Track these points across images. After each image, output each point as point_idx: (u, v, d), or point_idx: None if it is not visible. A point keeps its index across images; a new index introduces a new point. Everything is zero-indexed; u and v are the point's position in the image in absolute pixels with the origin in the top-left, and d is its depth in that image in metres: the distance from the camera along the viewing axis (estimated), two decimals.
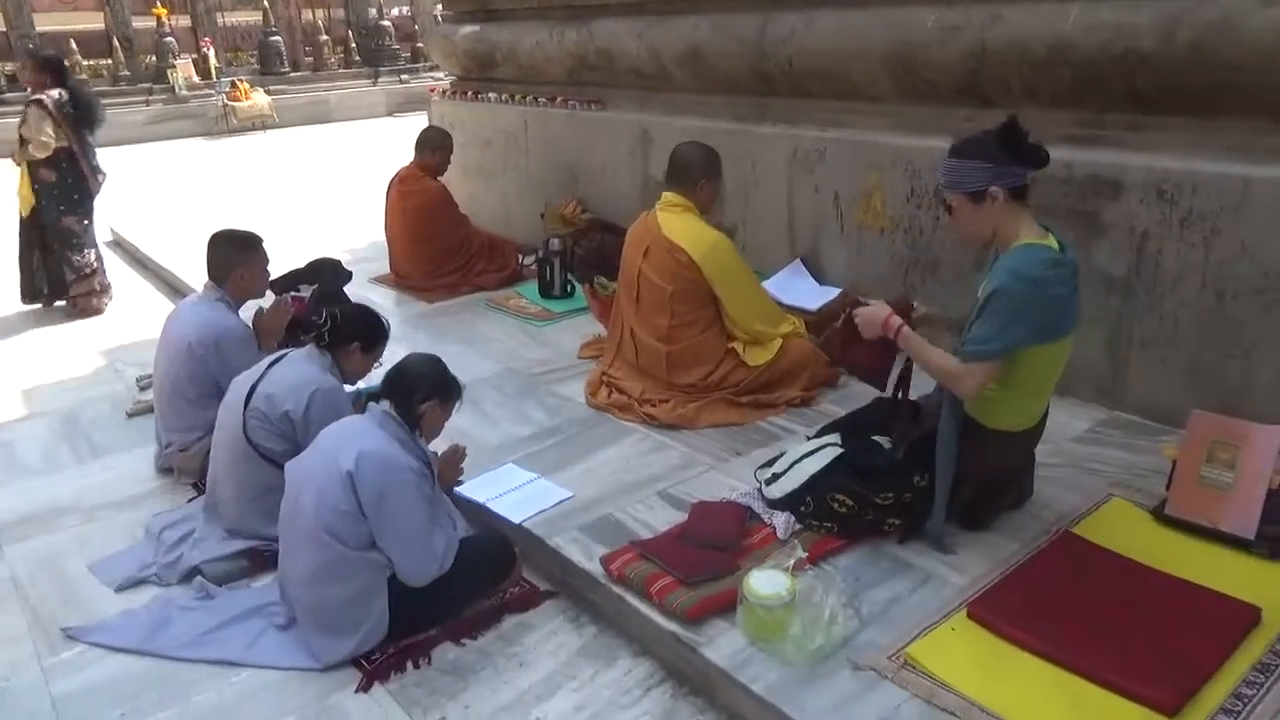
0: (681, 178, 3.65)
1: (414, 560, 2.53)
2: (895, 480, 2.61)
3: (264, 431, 2.99)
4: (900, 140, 4.00)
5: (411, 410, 2.62)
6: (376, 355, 3.16)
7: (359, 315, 3.14)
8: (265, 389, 3.01)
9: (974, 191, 2.50)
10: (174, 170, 11.71)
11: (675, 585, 2.50)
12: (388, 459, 2.51)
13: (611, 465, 3.30)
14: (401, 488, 2.50)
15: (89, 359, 5.11)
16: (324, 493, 2.49)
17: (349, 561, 2.50)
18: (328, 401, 2.98)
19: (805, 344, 3.76)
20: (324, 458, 2.56)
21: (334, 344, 3.04)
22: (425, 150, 5.40)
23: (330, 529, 2.48)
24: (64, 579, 3.04)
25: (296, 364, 3.06)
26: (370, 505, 2.47)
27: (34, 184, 5.62)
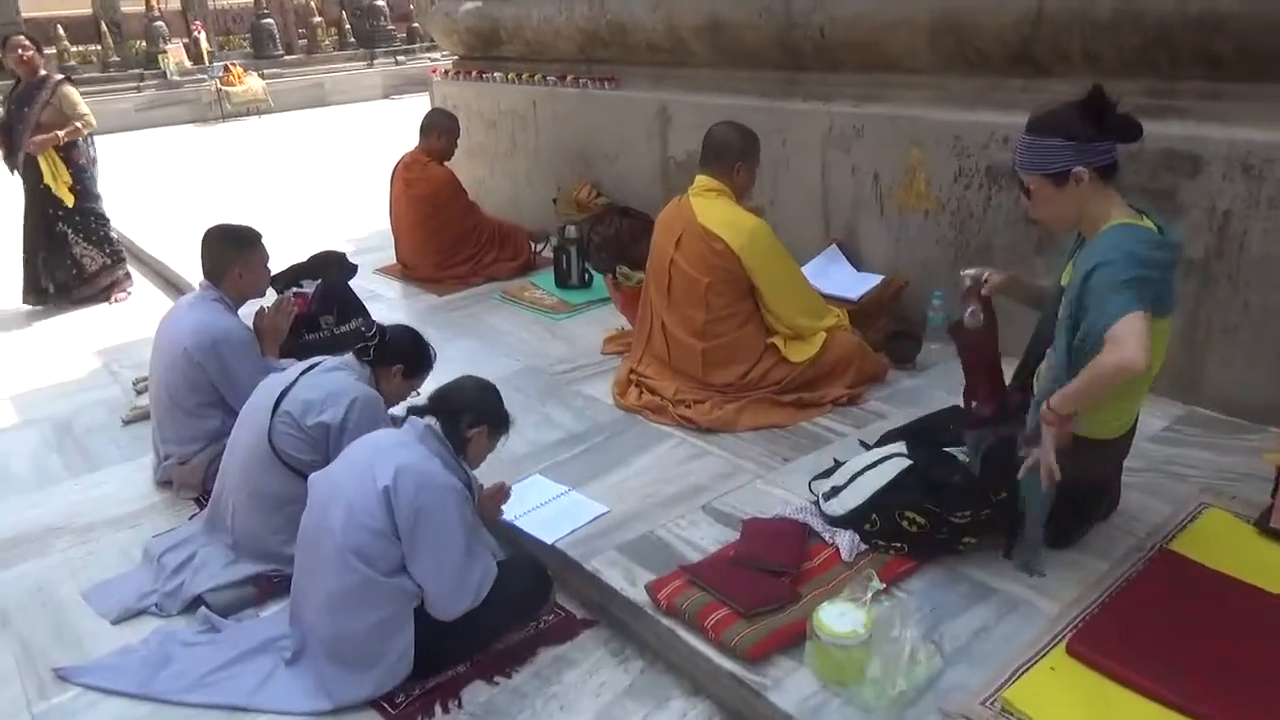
0: (717, 160, 3.36)
1: (447, 591, 2.28)
2: (974, 497, 2.35)
3: (292, 438, 2.73)
4: (945, 115, 3.71)
5: (458, 432, 2.41)
6: (417, 383, 2.95)
7: (408, 338, 2.92)
8: (300, 393, 2.76)
9: (1056, 173, 2.21)
10: (167, 158, 11.39)
11: (733, 618, 2.24)
12: (428, 475, 2.28)
13: (648, 475, 3.04)
14: (441, 508, 2.26)
15: (83, 360, 4.84)
16: (355, 510, 2.25)
17: (375, 588, 2.25)
18: (368, 412, 2.73)
19: (850, 337, 3.49)
20: (356, 472, 2.32)
21: (377, 361, 2.82)
22: (431, 134, 5.10)
23: (358, 550, 2.24)
24: (56, 608, 2.79)
25: (335, 372, 2.82)
26: (406, 526, 2.23)
27: (69, 167, 5.40)
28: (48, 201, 5.44)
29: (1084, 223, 2.28)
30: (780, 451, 3.12)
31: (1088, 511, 2.46)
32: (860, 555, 2.46)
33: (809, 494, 2.81)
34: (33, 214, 5.53)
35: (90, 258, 5.70)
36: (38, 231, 5.54)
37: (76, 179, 5.45)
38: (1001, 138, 3.48)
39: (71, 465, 3.68)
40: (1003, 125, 3.47)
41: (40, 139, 5.24)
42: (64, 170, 5.39)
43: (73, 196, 5.43)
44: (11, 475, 3.64)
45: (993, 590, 2.36)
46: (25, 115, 5.25)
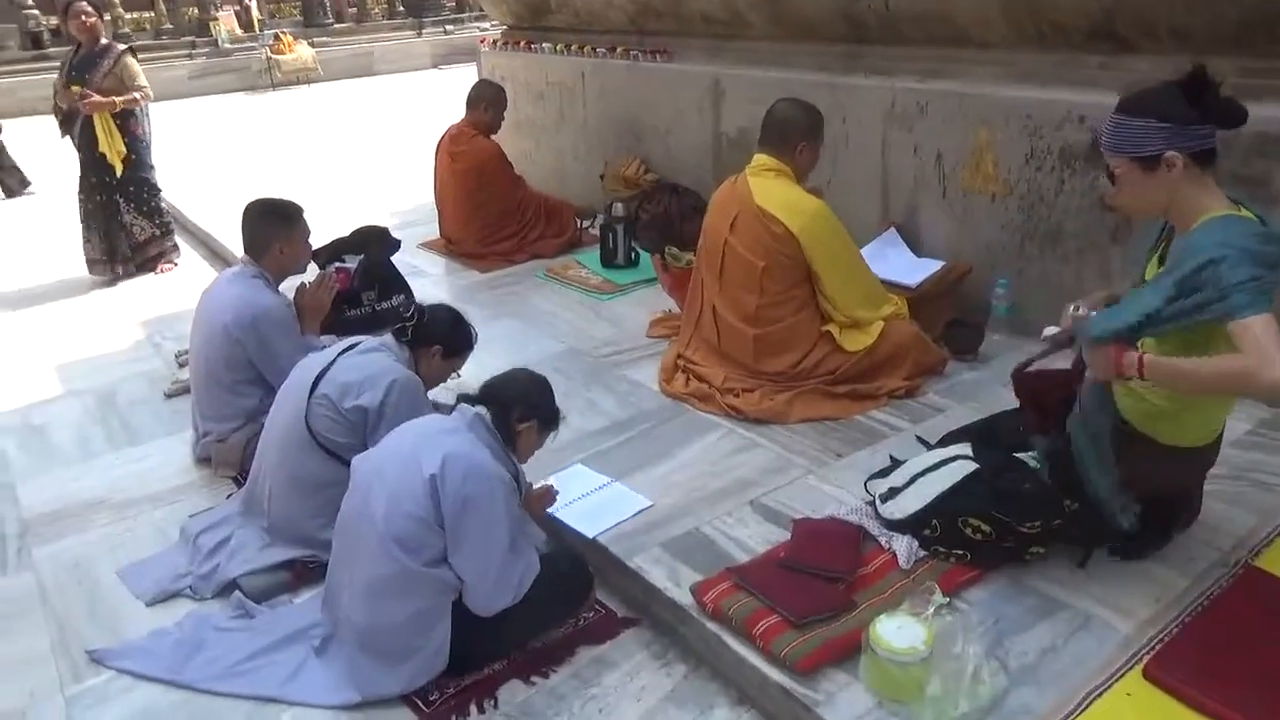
0: (778, 139, 3.21)
1: (488, 585, 2.19)
2: (1045, 507, 2.19)
3: (330, 421, 2.66)
4: (1017, 92, 3.50)
5: (507, 424, 2.32)
6: (456, 365, 2.86)
7: (447, 318, 2.83)
8: (338, 375, 2.69)
9: (1146, 157, 2.02)
10: (217, 127, 11.43)
11: (783, 626, 2.12)
12: (476, 464, 2.19)
13: (694, 467, 2.92)
14: (489, 499, 2.18)
15: (127, 331, 4.83)
16: (399, 497, 2.17)
17: (414, 578, 2.17)
18: (408, 396, 2.66)
19: (908, 327, 3.33)
20: (402, 458, 2.24)
21: (415, 342, 2.74)
22: (478, 106, 4.99)
23: (400, 539, 2.16)
24: (92, 586, 2.76)
25: (374, 354, 2.74)
26: (451, 515, 2.15)
27: (124, 136, 5.38)
28: (101, 169, 5.42)
29: (1174, 213, 2.09)
30: (833, 446, 2.98)
31: (1168, 524, 2.30)
32: (919, 562, 2.32)
33: (864, 493, 2.67)
34: (86, 182, 5.51)
35: (140, 227, 5.69)
36: (91, 200, 5.52)
37: (131, 148, 5.43)
38: (1078, 117, 3.27)
39: (113, 438, 3.67)
40: (1079, 104, 3.27)
41: (97, 99, 5.22)
42: (119, 138, 5.36)
43: (123, 166, 5.40)
44: (54, 447, 3.63)
45: (1061, 604, 2.21)
46: (86, 82, 5.23)
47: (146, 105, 5.51)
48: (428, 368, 2.79)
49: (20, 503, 3.22)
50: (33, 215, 7.58)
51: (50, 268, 6.00)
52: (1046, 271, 3.52)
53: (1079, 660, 2.05)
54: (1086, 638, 2.11)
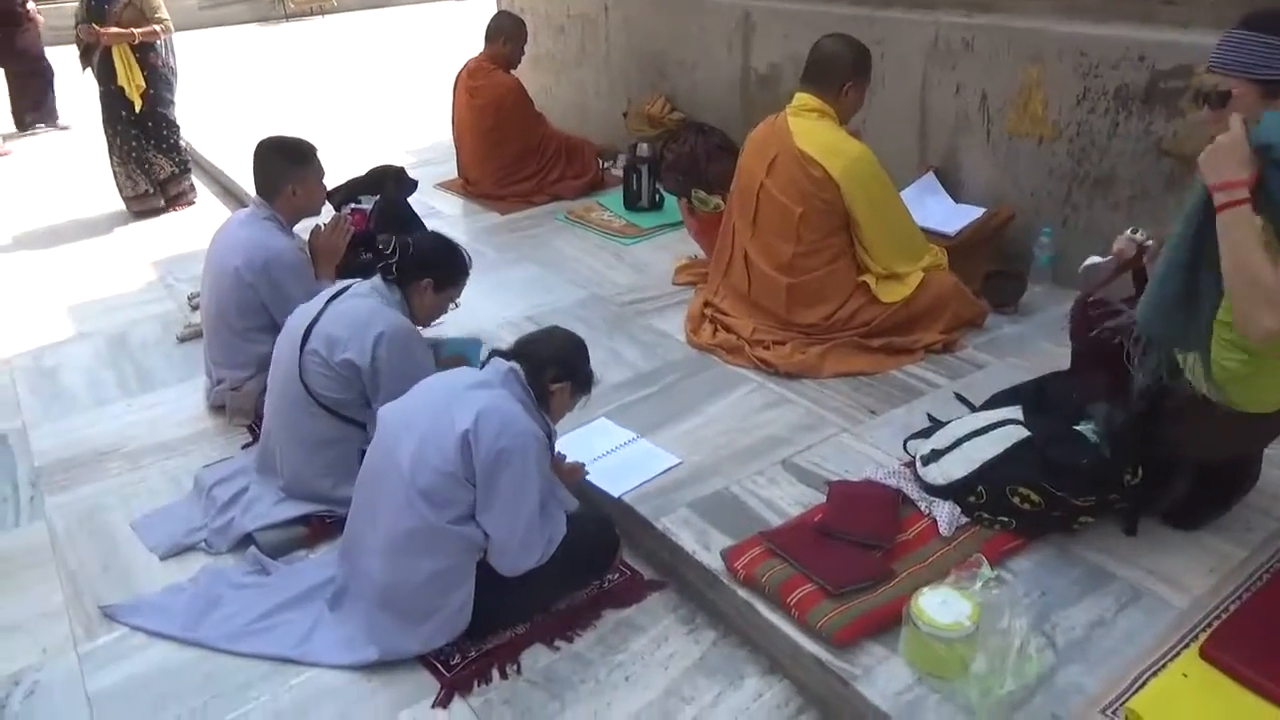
0: (823, 78, 3.02)
1: (515, 544, 2.10)
2: (1103, 482, 2.07)
3: (323, 378, 2.56)
4: (1071, 27, 3.28)
5: (541, 384, 2.20)
6: (452, 295, 2.73)
7: (433, 246, 2.69)
8: (325, 328, 2.58)
9: (1270, 80, 1.85)
10: (228, 59, 11.17)
11: (819, 595, 2.03)
12: (511, 418, 2.09)
13: (722, 422, 2.81)
14: (523, 454, 2.07)
15: (139, 271, 4.73)
16: (427, 451, 2.08)
17: (439, 535, 2.08)
18: (398, 347, 2.55)
19: (948, 277, 3.17)
20: (433, 410, 2.14)
21: (404, 279, 2.60)
22: (497, 39, 4.77)
23: (427, 493, 2.07)
24: (105, 538, 2.70)
25: (360, 299, 2.62)
26: (484, 469, 2.05)
27: (144, 70, 5.21)
28: (120, 103, 5.25)
29: None
30: (867, 403, 2.86)
31: (1229, 493, 2.18)
32: (960, 529, 2.22)
33: (901, 453, 2.56)
34: (107, 117, 5.36)
35: (160, 165, 5.53)
36: (114, 134, 5.37)
37: (150, 83, 5.25)
38: (1137, 55, 3.06)
39: (125, 384, 3.59)
40: (1139, 41, 3.06)
41: (114, 31, 5.04)
42: (138, 72, 5.18)
43: (141, 101, 5.24)
44: (65, 391, 3.56)
45: (1110, 576, 2.11)
46: (105, 13, 5.04)
47: (169, 38, 5.32)
48: (421, 304, 2.67)
49: (32, 449, 3.16)
50: (54, 151, 7.43)
51: (68, 205, 5.88)
52: (1095, 220, 3.34)
53: (1130, 636, 1.95)
54: (1137, 612, 2.01)
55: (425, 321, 2.74)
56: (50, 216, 5.71)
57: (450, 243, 2.74)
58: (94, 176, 6.09)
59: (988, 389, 2.84)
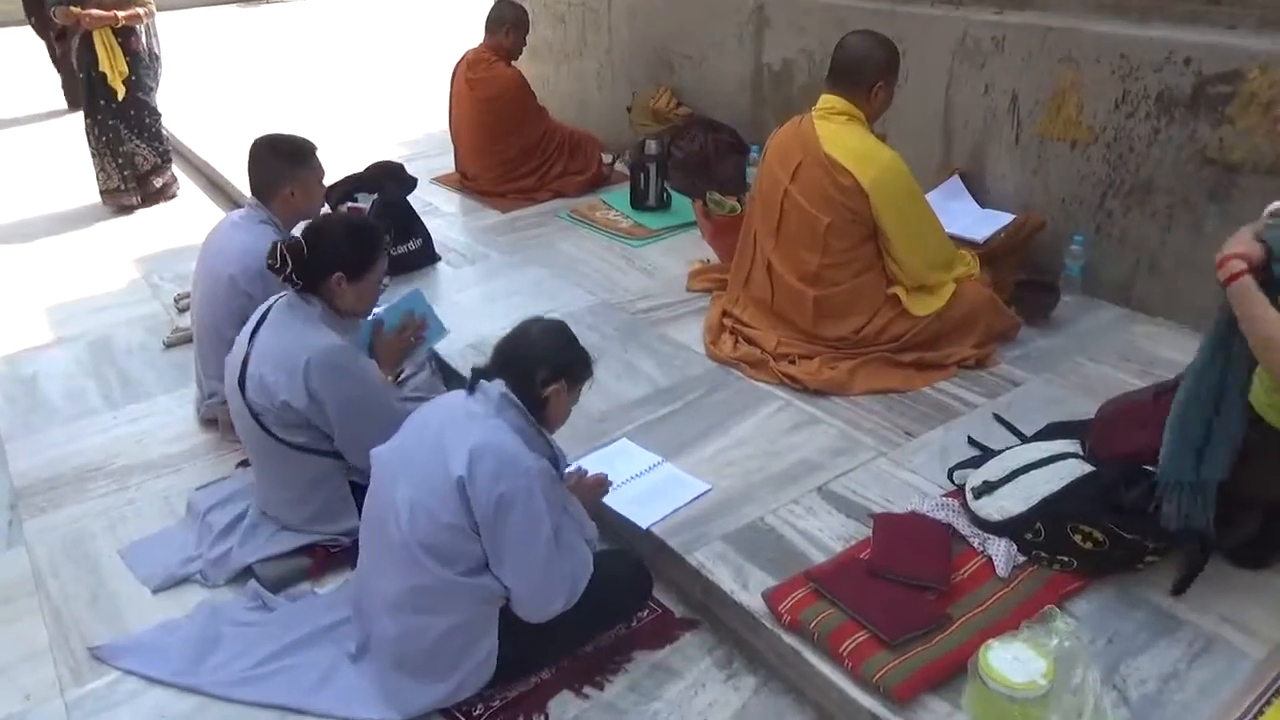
0: (851, 79, 2.85)
1: (539, 591, 1.93)
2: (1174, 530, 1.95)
3: (279, 423, 2.37)
4: (1110, 28, 3.14)
5: (533, 393, 1.96)
6: (373, 278, 2.43)
7: (334, 233, 2.38)
8: (255, 371, 2.37)
9: None
10: (209, 42, 10.85)
11: (874, 645, 1.89)
12: (508, 457, 1.88)
13: (750, 444, 2.66)
14: (526, 496, 1.87)
15: (122, 269, 4.51)
16: (424, 501, 1.89)
17: (453, 589, 1.91)
18: (330, 373, 2.32)
19: (982, 289, 3.04)
20: (425, 452, 1.94)
21: (310, 284, 2.36)
22: (498, 29, 4.57)
23: (430, 547, 1.89)
24: (92, 568, 2.52)
25: (279, 327, 2.38)
26: (486, 518, 1.86)
27: (126, 55, 4.96)
28: (101, 91, 5.00)
29: None
30: (902, 423, 2.72)
31: None
32: (1017, 569, 2.08)
33: (944, 481, 2.43)
34: (87, 105, 5.10)
35: (142, 156, 5.26)
36: (93, 123, 5.10)
37: (132, 69, 5.00)
38: (1182, 59, 2.92)
39: (109, 394, 3.39)
40: (1184, 44, 2.92)
41: (96, 13, 4.80)
42: (121, 58, 4.93)
43: (124, 88, 4.99)
44: (45, 403, 3.36)
45: (1178, 621, 1.98)
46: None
47: (152, 21, 5.08)
48: (344, 300, 2.39)
49: (10, 467, 2.97)
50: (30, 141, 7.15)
51: (44, 197, 5.62)
52: (1129, 230, 3.22)
53: (1205, 690, 1.83)
54: (1212, 662, 1.89)
55: (361, 314, 2.51)
56: (24, 209, 5.45)
57: (344, 220, 2.47)
58: (72, 166, 5.83)
59: (1026, 408, 2.73)
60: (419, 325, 2.79)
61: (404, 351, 2.78)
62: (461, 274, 3.92)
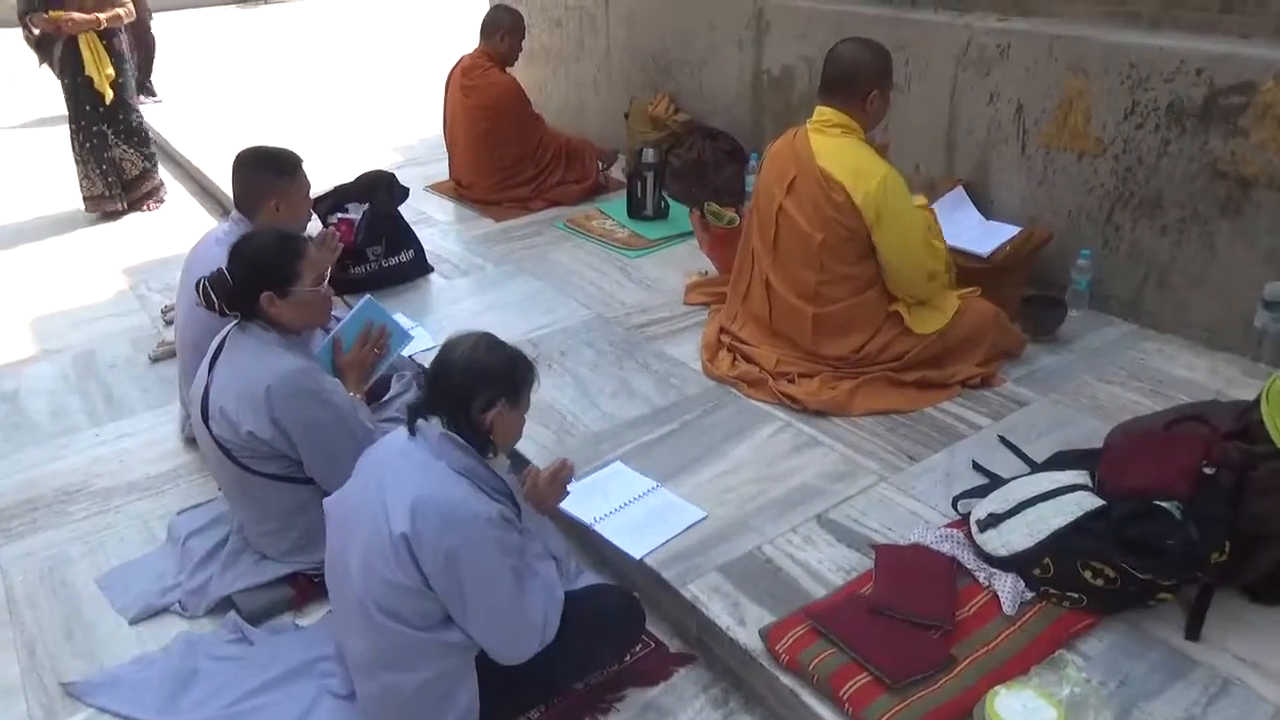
0: (844, 88, 2.77)
1: (508, 640, 1.84)
2: (1189, 567, 1.86)
3: (249, 454, 2.28)
4: (1120, 36, 3.05)
5: (473, 423, 1.82)
6: (304, 289, 2.26)
7: (238, 257, 2.25)
8: (217, 403, 2.27)
9: None
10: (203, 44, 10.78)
11: (876, 689, 1.81)
12: (452, 508, 1.75)
13: (748, 469, 2.58)
14: (475, 546, 1.75)
15: (109, 279, 4.43)
16: (372, 560, 1.77)
17: (419, 645, 1.81)
18: (291, 399, 2.21)
19: (987, 306, 2.95)
20: (369, 504, 1.81)
21: (245, 311, 2.26)
22: (494, 35, 4.49)
23: (385, 607, 1.78)
24: (68, 597, 2.44)
25: (236, 358, 2.27)
26: (437, 576, 1.75)
27: (111, 57, 4.86)
28: (89, 96, 4.89)
29: None
30: (904, 446, 2.64)
31: None
32: (1024, 605, 2.00)
33: (948, 509, 2.34)
34: (74, 111, 4.96)
35: (130, 162, 5.17)
36: (79, 130, 4.98)
37: (117, 71, 4.91)
38: (1193, 69, 2.84)
39: (92, 410, 3.31)
40: (1196, 53, 2.84)
41: (79, 17, 4.69)
42: (107, 60, 4.83)
43: (112, 91, 4.90)
44: (27, 419, 3.28)
45: (1192, 662, 1.90)
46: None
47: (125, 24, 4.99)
48: (285, 318, 2.26)
49: None
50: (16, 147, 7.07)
51: (27, 203, 5.55)
52: (1138, 244, 3.13)
53: None
54: (1229, 708, 1.80)
55: (315, 324, 2.40)
56: (6, 215, 5.38)
57: (258, 238, 2.30)
58: (55, 171, 5.75)
59: (1032, 430, 2.66)
60: (380, 335, 2.60)
61: (370, 366, 2.60)
62: (454, 285, 3.84)
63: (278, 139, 3.13)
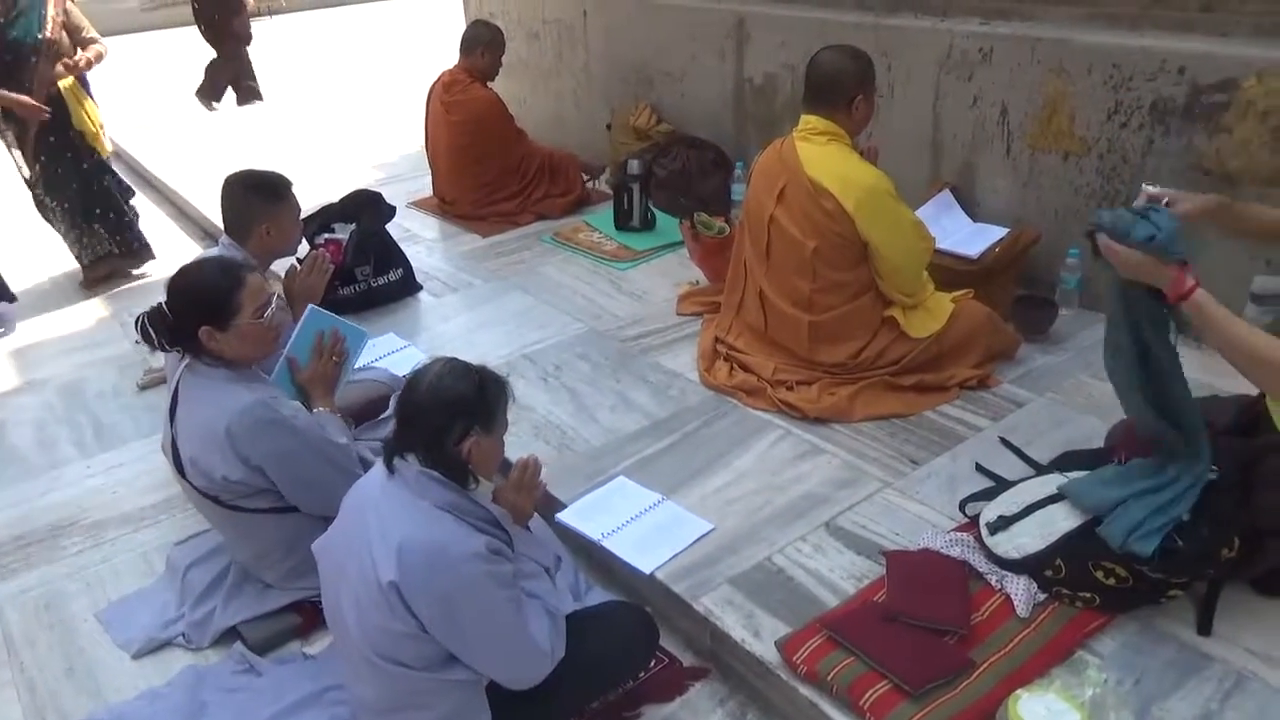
0: (828, 97, 2.77)
1: (516, 668, 1.81)
2: (1200, 562, 1.88)
3: (232, 495, 2.23)
4: (1101, 38, 3.09)
5: (449, 456, 1.76)
6: (246, 319, 2.15)
7: (172, 291, 2.17)
8: (186, 452, 2.22)
9: None
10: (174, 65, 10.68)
11: (896, 697, 1.80)
12: (440, 549, 1.70)
13: (752, 478, 2.57)
14: (470, 586, 1.71)
15: (90, 308, 4.38)
16: (365, 609, 1.74)
17: (426, 685, 1.78)
18: (253, 431, 2.14)
19: (980, 307, 2.97)
20: (355, 550, 1.77)
21: (187, 347, 2.20)
22: (474, 50, 4.47)
23: (384, 654, 1.75)
24: (67, 634, 2.40)
25: (192, 402, 2.22)
26: (433, 620, 1.71)
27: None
28: (80, 152, 4.31)
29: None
30: (906, 451, 2.65)
31: None
32: (1038, 607, 2.00)
33: (954, 512, 2.35)
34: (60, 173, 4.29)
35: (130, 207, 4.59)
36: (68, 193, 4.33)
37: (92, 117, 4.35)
38: (1175, 68, 2.88)
39: (81, 441, 3.26)
40: (1178, 53, 2.88)
41: (67, 63, 4.08)
42: (94, 107, 4.31)
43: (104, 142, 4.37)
44: (14, 452, 3.22)
45: (1206, 658, 1.91)
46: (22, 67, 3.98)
47: None
48: (229, 351, 2.17)
49: None
50: None
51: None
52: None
53: None
54: (1245, 702, 1.82)
55: (262, 353, 2.27)
56: None
57: (204, 269, 2.21)
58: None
59: (1032, 430, 2.67)
60: (334, 342, 2.50)
61: (333, 376, 2.51)
62: (444, 303, 3.82)
63: (257, 160, 3.11)
